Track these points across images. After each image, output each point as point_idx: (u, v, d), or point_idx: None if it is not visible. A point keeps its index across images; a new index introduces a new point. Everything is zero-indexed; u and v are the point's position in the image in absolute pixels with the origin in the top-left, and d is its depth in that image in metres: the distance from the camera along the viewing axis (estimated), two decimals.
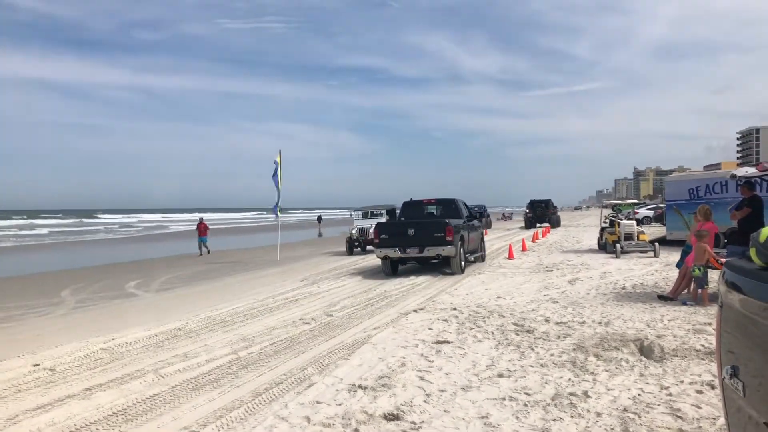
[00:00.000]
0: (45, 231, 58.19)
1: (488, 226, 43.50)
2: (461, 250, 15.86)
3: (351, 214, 28.60)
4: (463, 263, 15.86)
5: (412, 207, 18.42)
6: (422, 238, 15.47)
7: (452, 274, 15.48)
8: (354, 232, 25.37)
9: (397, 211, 19.87)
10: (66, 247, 38.08)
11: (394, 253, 15.71)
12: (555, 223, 41.75)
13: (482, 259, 18.88)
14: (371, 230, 21.74)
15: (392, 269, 16.07)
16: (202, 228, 28.13)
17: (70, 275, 19.63)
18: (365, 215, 27.64)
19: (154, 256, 28.35)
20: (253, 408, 5.34)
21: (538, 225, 41.69)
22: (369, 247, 24.23)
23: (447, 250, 15.28)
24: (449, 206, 18.02)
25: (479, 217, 22.88)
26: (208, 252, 27.64)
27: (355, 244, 25.20)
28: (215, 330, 9.16)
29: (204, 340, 8.44)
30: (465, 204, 18.81)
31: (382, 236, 15.90)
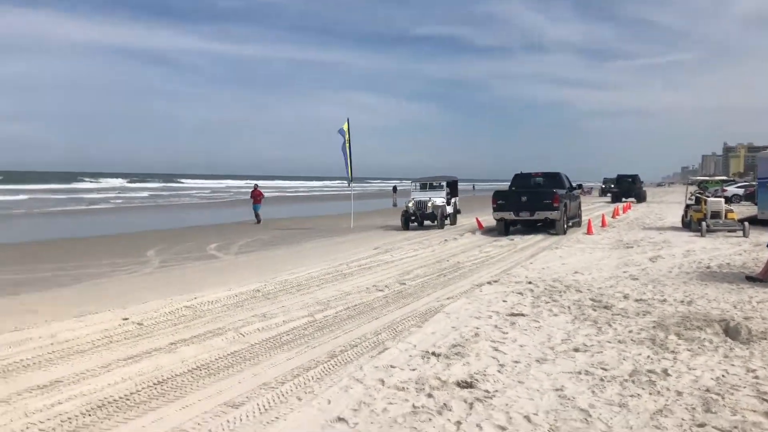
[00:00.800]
0: (145, 194, 61.30)
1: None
2: (564, 215, 18.67)
3: (410, 186, 25.87)
4: (565, 226, 18.77)
5: (522, 178, 21.39)
6: (533, 204, 18.45)
7: (555, 234, 18.23)
8: (411, 205, 22.81)
9: (459, 183, 25.29)
10: (155, 210, 39.72)
11: (509, 216, 18.80)
12: (641, 198, 42.29)
13: (579, 224, 21.48)
14: (430, 203, 21.99)
15: (506, 230, 19.10)
16: (256, 195, 27.02)
17: (156, 236, 20.51)
18: (423, 187, 24.82)
19: (233, 220, 29.19)
20: (329, 369, 5.48)
21: (623, 199, 41.58)
22: (427, 222, 22.71)
23: (553, 215, 18.20)
24: (554, 178, 20.89)
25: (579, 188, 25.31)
26: (259, 221, 26.16)
27: (412, 218, 22.72)
28: (292, 292, 9.40)
29: (281, 301, 8.68)
30: (567, 177, 21.50)
31: (499, 202, 18.98)
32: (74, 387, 5.07)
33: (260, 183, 30.57)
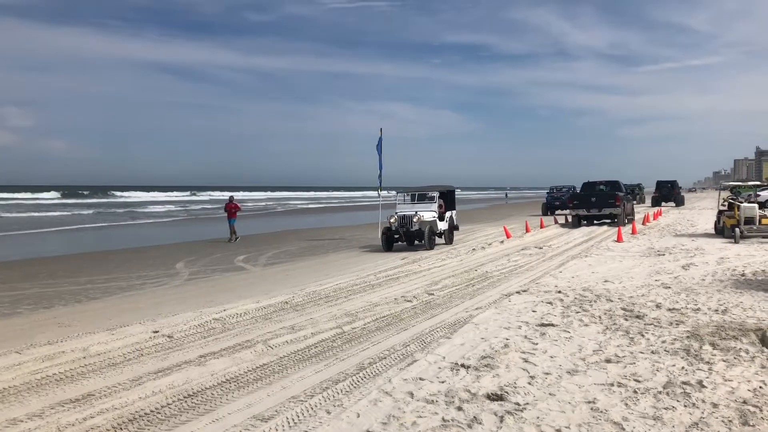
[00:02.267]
0: (198, 207, 61.16)
1: (642, 201, 50.83)
2: (623, 211, 25.33)
3: (396, 197, 21.20)
4: (625, 219, 25.22)
5: (589, 185, 27.98)
6: (601, 203, 25.53)
7: (616, 224, 23.58)
8: (393, 220, 18.35)
9: (457, 191, 24.26)
10: (186, 222, 40.20)
11: (582, 212, 25.98)
12: (679, 202, 46.69)
13: (633, 219, 26.91)
14: (416, 218, 18.07)
15: (579, 223, 26.13)
16: (231, 208, 23.65)
17: (185, 248, 20.73)
18: (413, 198, 20.72)
19: (260, 231, 29.39)
20: (358, 381, 5.47)
21: (663, 204, 46.06)
22: (418, 241, 18.55)
23: (616, 211, 25.00)
24: (614, 185, 27.88)
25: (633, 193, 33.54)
26: (236, 238, 22.90)
27: (395, 237, 18.46)
28: (320, 304, 9.42)
29: (310, 313, 8.70)
30: (623, 184, 29.40)
31: (575, 202, 26.51)
32: (106, 401, 5.13)
33: (294, 194, 29.95)
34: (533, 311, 8.23)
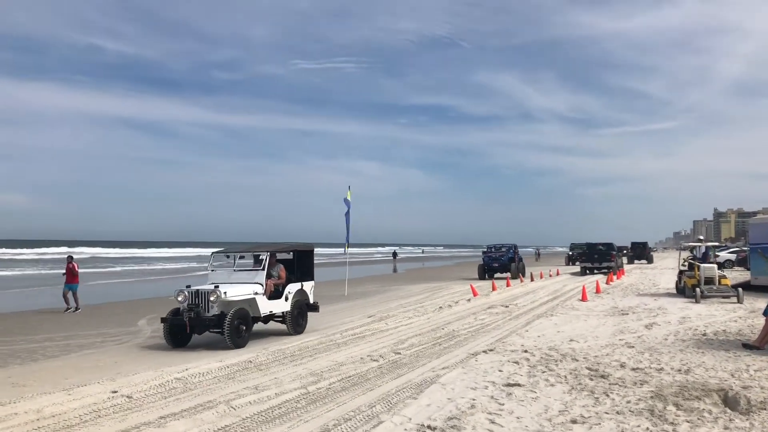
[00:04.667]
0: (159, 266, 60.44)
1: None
2: (616, 264, 34.96)
3: (211, 260, 13.80)
4: (617, 268, 34.38)
5: (591, 245, 37.61)
6: (601, 258, 35.24)
7: (612, 271, 32.66)
8: (180, 299, 11.81)
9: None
10: (148, 279, 39.47)
11: (588, 264, 35.73)
12: (650, 260, 53.83)
13: (620, 267, 36.96)
14: (215, 297, 11.43)
15: (585, 272, 35.44)
16: (70, 270, 18.64)
17: (147, 305, 20.29)
18: (254, 259, 13.39)
19: None
20: None
21: (636, 261, 53.63)
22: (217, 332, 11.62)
23: (612, 264, 34.19)
24: (610, 245, 36.81)
25: (618, 249, 40.37)
26: (76, 308, 18.23)
27: (186, 330, 11.47)
28: (285, 363, 9.27)
29: (274, 373, 8.55)
30: (615, 245, 37.76)
31: (583, 257, 37.53)
32: None
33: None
34: (500, 371, 8.21)
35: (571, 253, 53.26)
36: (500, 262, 33.69)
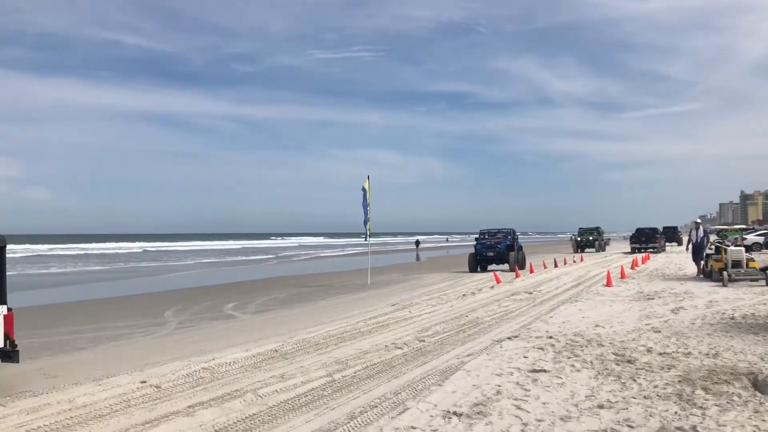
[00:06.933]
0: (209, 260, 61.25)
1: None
2: (661, 245, 44.53)
3: None
4: (663, 250, 43.27)
5: (640, 229, 45.50)
6: (648, 239, 43.96)
7: (657, 252, 41.44)
8: None
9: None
10: (175, 270, 39.94)
11: (638, 245, 43.71)
12: (680, 242, 56.50)
13: (665, 249, 45.58)
14: None
15: (635, 251, 42.15)
16: None
17: (174, 296, 20.56)
18: None
19: (249, 278, 29.25)
20: (349, 431, 5.39)
21: (667, 244, 53.83)
22: None
23: (656, 245, 43.28)
24: (654, 229, 46.39)
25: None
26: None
27: None
28: (310, 352, 9.33)
29: (299, 361, 8.61)
30: (658, 229, 48.28)
31: (633, 239, 45.16)
32: None
33: (280, 240, 26.90)
34: (525, 357, 8.19)
35: (579, 239, 51.05)
36: (496, 251, 28.22)
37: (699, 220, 23.08)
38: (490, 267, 28.58)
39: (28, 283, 28.20)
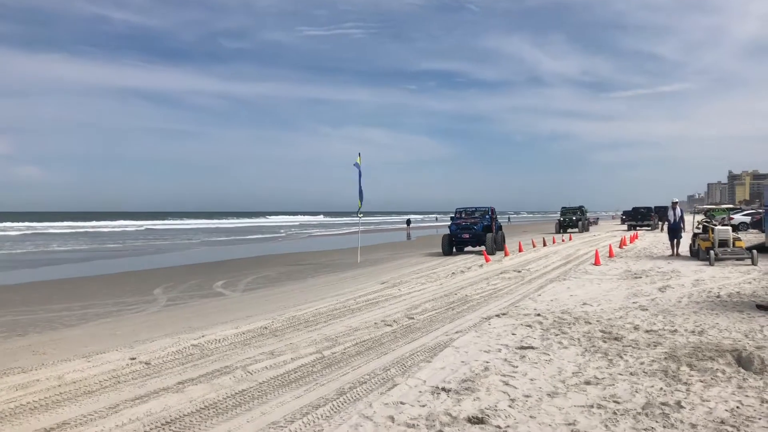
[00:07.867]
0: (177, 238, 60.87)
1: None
2: (656, 223, 48.97)
3: None
4: (657, 227, 47.37)
5: (635, 209, 50.74)
6: (643, 218, 49.66)
7: (652, 230, 46.62)
8: None
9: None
10: (164, 248, 39.82)
11: (632, 222, 49.77)
12: None
13: (657, 227, 48.30)
14: None
15: (630, 228, 47.81)
16: None
17: (163, 274, 20.52)
18: None
19: (239, 256, 29.23)
20: (338, 406, 5.44)
21: (659, 223, 58.32)
22: None
23: (652, 223, 48.82)
24: (649, 208, 50.76)
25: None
26: None
27: None
28: (299, 329, 9.36)
29: (289, 338, 8.64)
30: (653, 208, 51.51)
31: (629, 216, 51.02)
32: (82, 429, 5.04)
33: (271, 217, 26.99)
34: (513, 334, 8.26)
35: (562, 218, 49.28)
36: (472, 232, 26.30)
37: (676, 200, 22.56)
38: (466, 249, 27.13)
39: (27, 261, 28.08)
